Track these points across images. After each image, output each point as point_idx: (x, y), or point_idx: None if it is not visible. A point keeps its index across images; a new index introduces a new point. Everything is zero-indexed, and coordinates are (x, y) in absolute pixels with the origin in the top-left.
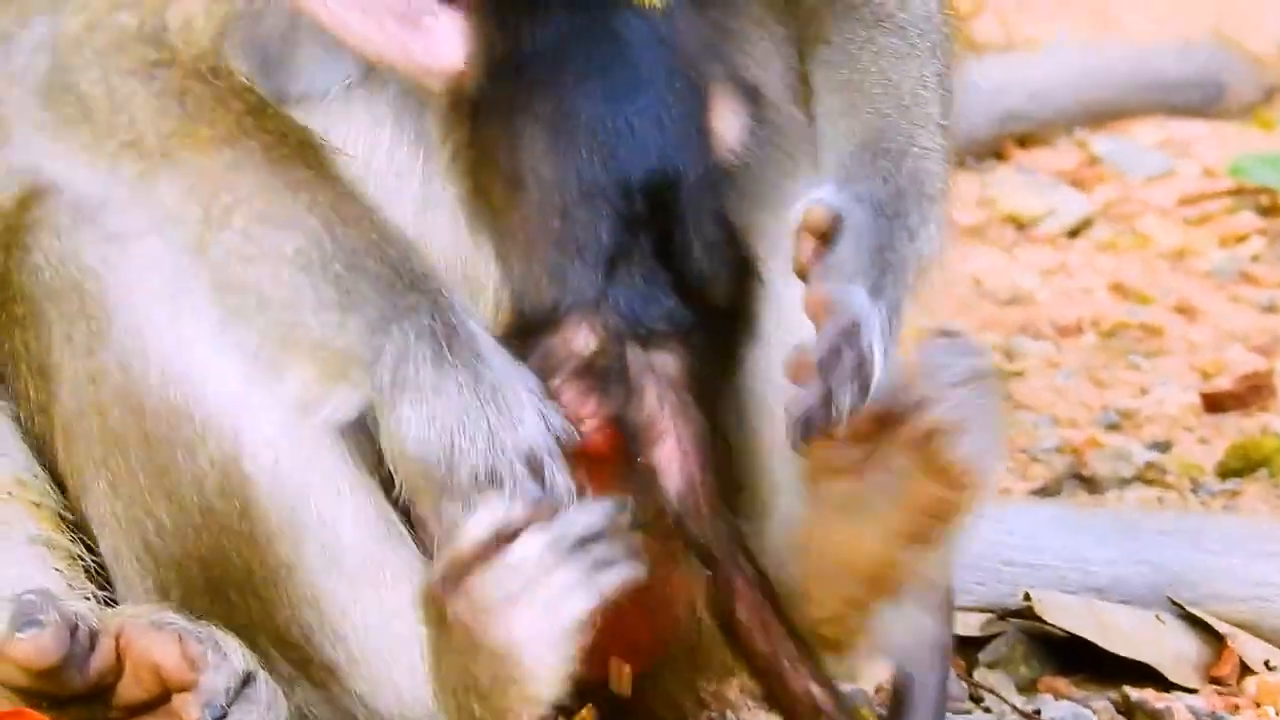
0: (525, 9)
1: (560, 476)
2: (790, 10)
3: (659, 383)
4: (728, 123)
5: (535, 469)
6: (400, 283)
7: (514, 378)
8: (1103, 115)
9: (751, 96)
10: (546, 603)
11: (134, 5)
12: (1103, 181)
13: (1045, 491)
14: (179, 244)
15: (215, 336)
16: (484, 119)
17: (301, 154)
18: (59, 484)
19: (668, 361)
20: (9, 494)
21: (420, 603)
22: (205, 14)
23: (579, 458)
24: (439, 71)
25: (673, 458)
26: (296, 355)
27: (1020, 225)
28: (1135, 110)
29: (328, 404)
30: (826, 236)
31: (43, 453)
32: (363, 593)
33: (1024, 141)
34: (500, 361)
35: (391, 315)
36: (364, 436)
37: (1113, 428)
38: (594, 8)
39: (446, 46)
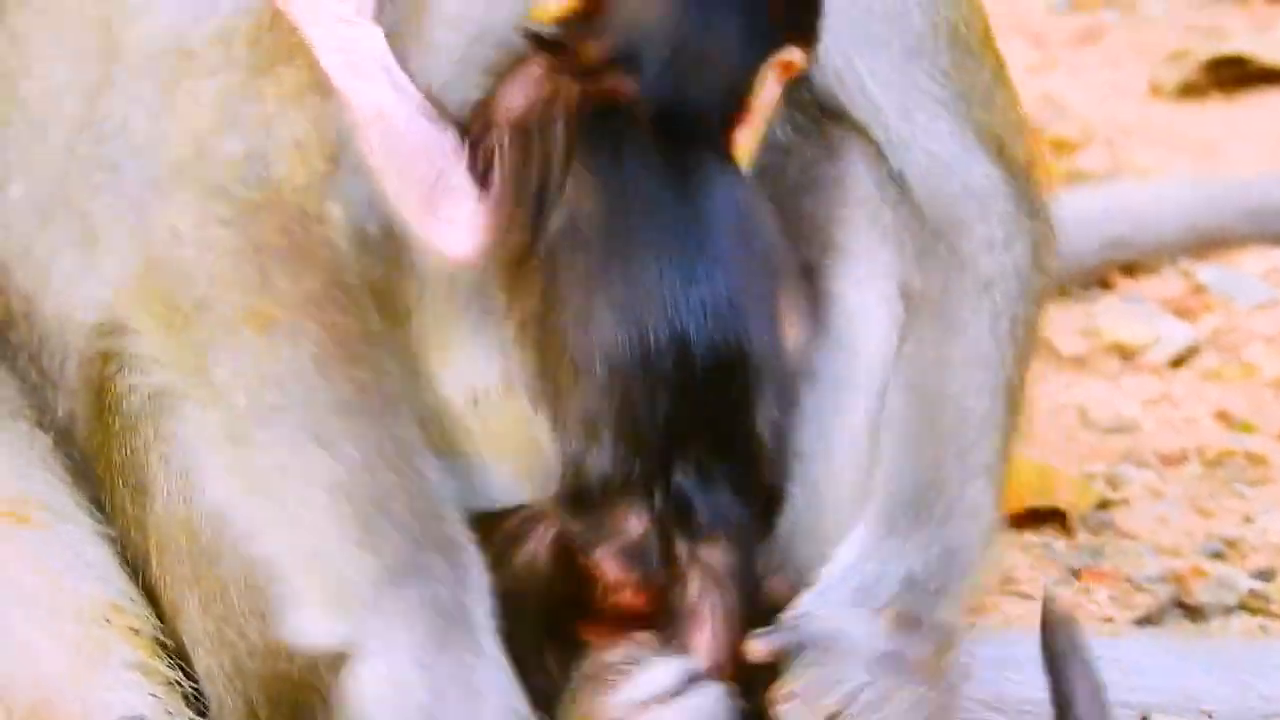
0: (606, 168)
1: None
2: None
3: (704, 575)
4: (796, 313)
5: None
6: (426, 540)
7: (502, 689)
8: (1208, 244)
9: (816, 291)
10: None
11: (238, 128)
12: (1208, 310)
13: (1149, 620)
14: (222, 426)
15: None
16: (552, 287)
17: (361, 355)
18: (155, 606)
19: (714, 555)
20: (106, 620)
21: None
22: (312, 139)
23: (613, 613)
24: (447, 257)
25: (705, 641)
26: (308, 574)
27: (1125, 354)
28: (1241, 239)
29: (319, 628)
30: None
31: (139, 572)
32: None
33: (1130, 270)
34: (493, 666)
35: (409, 571)
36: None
37: (1217, 556)
38: (675, 174)
39: (458, 236)
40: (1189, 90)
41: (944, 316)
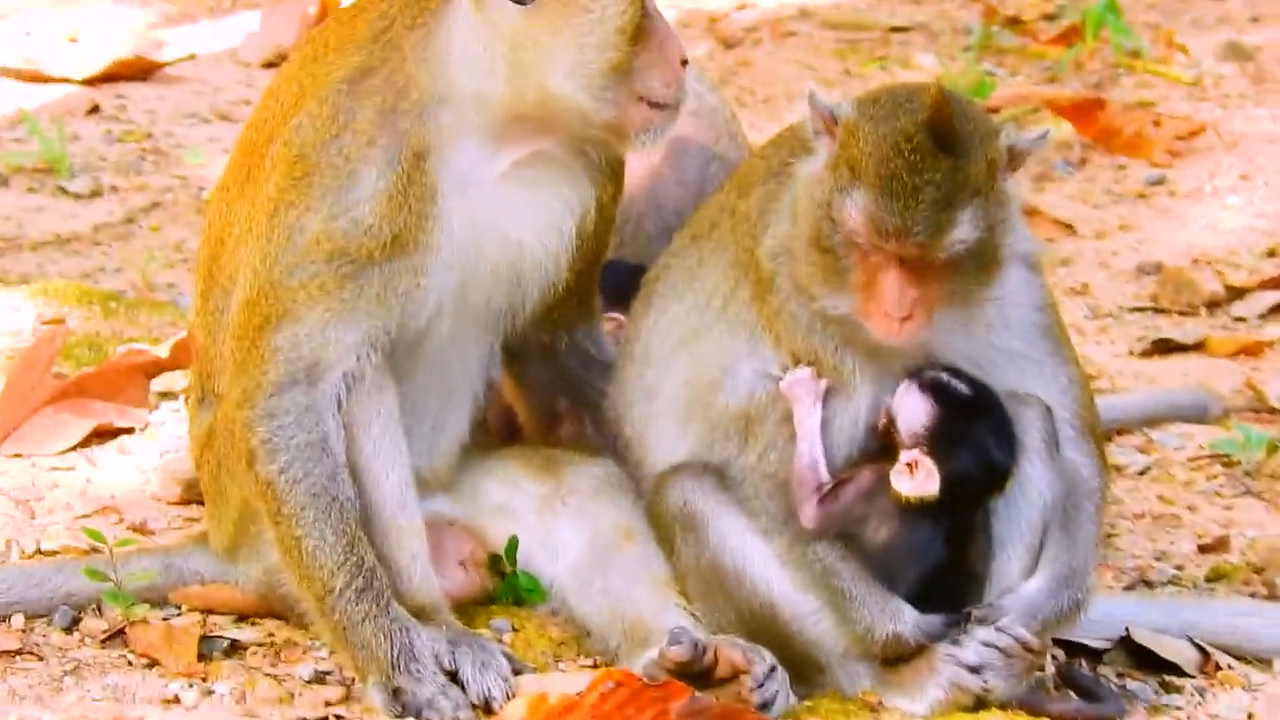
0: (906, 518)
1: None
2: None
3: None
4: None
5: None
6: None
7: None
8: None
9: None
10: None
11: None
12: None
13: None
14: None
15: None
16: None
17: None
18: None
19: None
20: (667, 585)
21: None
22: None
23: None
24: (801, 519)
25: None
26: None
27: None
28: None
29: (880, 625)
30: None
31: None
32: (813, 606)
33: None
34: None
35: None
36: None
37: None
38: (936, 522)
39: (805, 514)
40: None
41: (1078, 499)
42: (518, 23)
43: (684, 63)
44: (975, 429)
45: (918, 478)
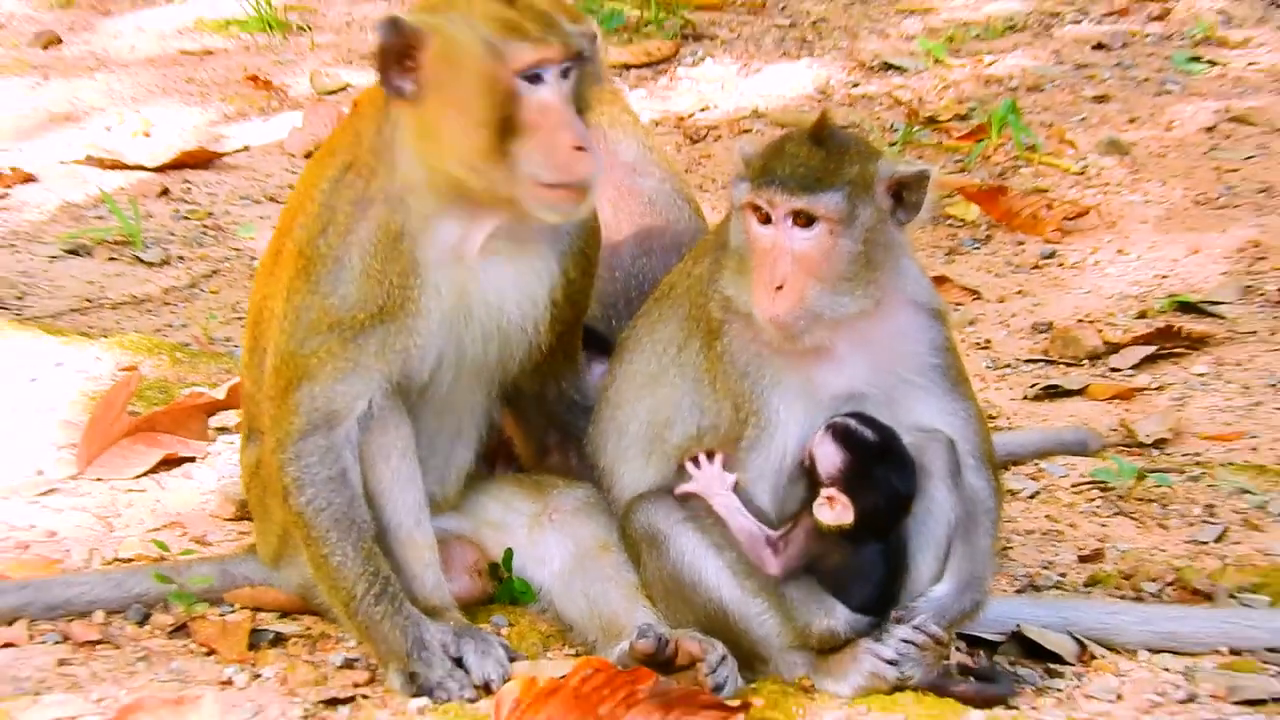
0: (840, 544)
1: None
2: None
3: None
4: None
5: None
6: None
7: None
8: None
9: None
10: None
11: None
12: None
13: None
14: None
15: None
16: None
17: None
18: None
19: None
20: (636, 588)
21: None
22: None
23: None
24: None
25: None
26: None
27: None
28: None
29: (821, 624)
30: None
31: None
32: (759, 609)
33: None
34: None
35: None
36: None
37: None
38: (874, 541)
39: (764, 565)
40: None
41: (977, 517)
42: (413, 117)
43: (580, 148)
44: (880, 469)
45: (836, 510)
